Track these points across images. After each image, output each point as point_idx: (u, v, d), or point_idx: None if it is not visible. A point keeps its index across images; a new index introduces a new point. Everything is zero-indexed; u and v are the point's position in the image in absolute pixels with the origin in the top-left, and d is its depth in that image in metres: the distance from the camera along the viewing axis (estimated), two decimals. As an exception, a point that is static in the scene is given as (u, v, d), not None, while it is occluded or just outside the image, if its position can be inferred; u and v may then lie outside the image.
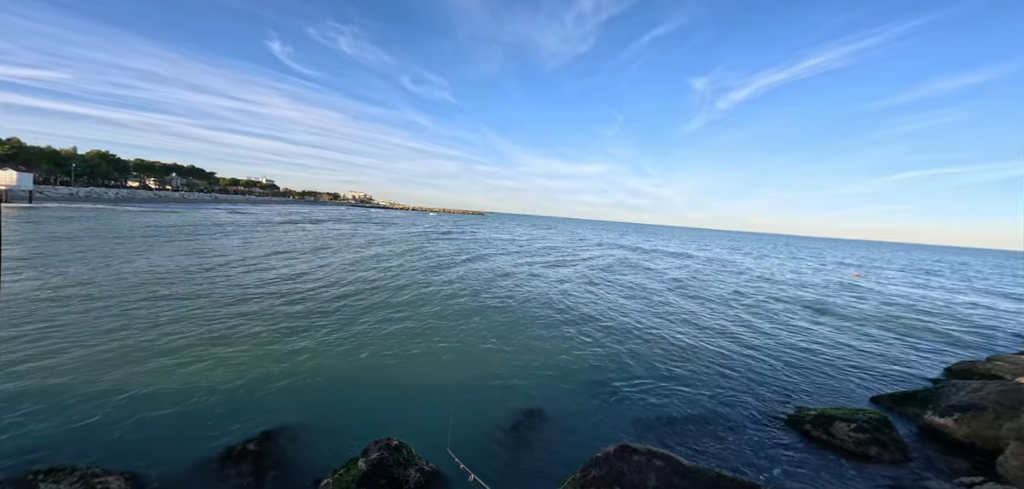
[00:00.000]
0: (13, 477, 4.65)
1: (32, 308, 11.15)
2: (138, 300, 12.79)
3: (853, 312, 20.74)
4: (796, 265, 50.75)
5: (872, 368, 12.07)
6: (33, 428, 5.81)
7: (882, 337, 15.86)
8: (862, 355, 13.32)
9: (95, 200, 66.73)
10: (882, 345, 14.72)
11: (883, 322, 18.77)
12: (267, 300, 14.45)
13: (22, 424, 5.87)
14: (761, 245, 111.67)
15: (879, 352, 13.78)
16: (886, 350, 14.11)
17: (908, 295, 28.73)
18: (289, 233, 39.92)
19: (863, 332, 16.48)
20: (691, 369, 10.93)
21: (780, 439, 7.68)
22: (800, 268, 47.15)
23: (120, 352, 8.76)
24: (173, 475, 5.13)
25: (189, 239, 28.82)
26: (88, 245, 22.48)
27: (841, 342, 14.71)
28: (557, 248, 47.81)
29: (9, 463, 5.00)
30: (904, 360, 13.11)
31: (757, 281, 32.26)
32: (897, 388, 10.25)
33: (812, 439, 7.77)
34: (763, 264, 49.53)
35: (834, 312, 20.41)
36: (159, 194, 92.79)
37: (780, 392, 9.83)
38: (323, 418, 6.89)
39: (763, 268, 44.25)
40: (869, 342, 15.00)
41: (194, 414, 6.64)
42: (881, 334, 16.31)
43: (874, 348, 14.25)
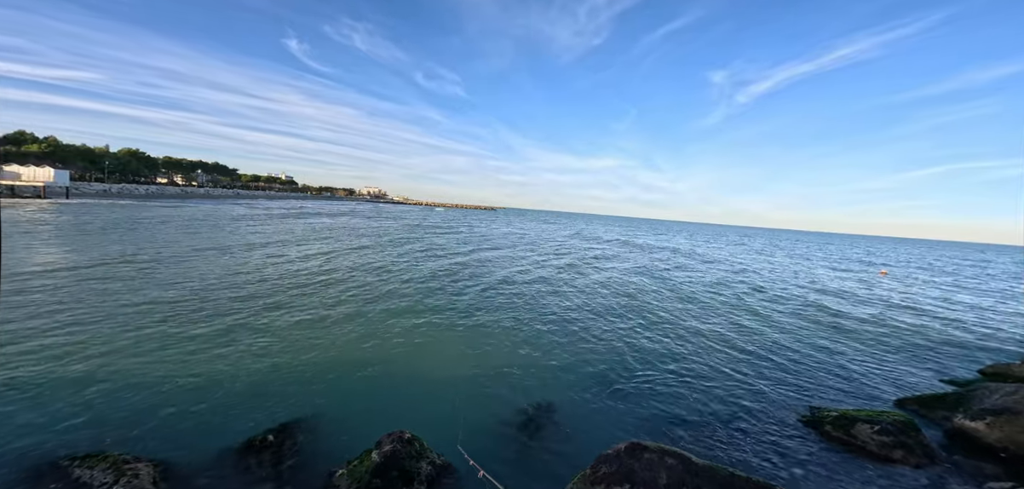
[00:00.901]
0: (50, 461, 4.94)
1: (62, 296, 11.73)
2: (164, 290, 13.32)
3: (877, 311, 20.02)
4: (817, 262, 49.25)
5: (897, 370, 11.65)
6: (65, 413, 6.14)
7: (908, 337, 15.26)
8: (887, 356, 12.86)
9: (127, 196, 69.65)
10: (908, 346, 14.17)
11: (909, 322, 18.07)
12: (285, 291, 14.86)
13: (54, 409, 6.22)
14: (780, 241, 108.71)
15: (905, 353, 13.28)
16: (913, 351, 13.58)
17: (936, 294, 27.57)
18: (305, 228, 40.87)
19: (888, 332, 15.90)
20: (705, 367, 10.77)
21: (798, 440, 7.51)
22: (821, 265, 45.75)
23: (148, 340, 9.15)
24: (198, 463, 5.35)
25: (212, 231, 29.82)
26: (119, 237, 23.49)
27: (864, 342, 14.23)
28: (566, 243, 47.58)
29: (45, 447, 5.31)
30: (932, 362, 12.60)
31: (776, 278, 31.47)
32: (924, 391, 9.88)
33: (832, 440, 7.57)
34: (783, 260, 48.23)
35: (857, 311, 19.74)
36: (185, 190, 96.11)
37: (799, 392, 9.60)
38: (337, 409, 7.07)
39: (783, 264, 43.12)
40: (895, 342, 14.47)
41: (217, 403, 6.91)
42: (907, 334, 15.70)
43: (900, 349, 13.74)
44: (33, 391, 6.69)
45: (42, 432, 5.64)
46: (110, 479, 4.63)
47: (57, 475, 4.69)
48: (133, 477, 4.71)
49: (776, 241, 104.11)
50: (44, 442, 5.43)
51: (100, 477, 4.65)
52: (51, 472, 4.76)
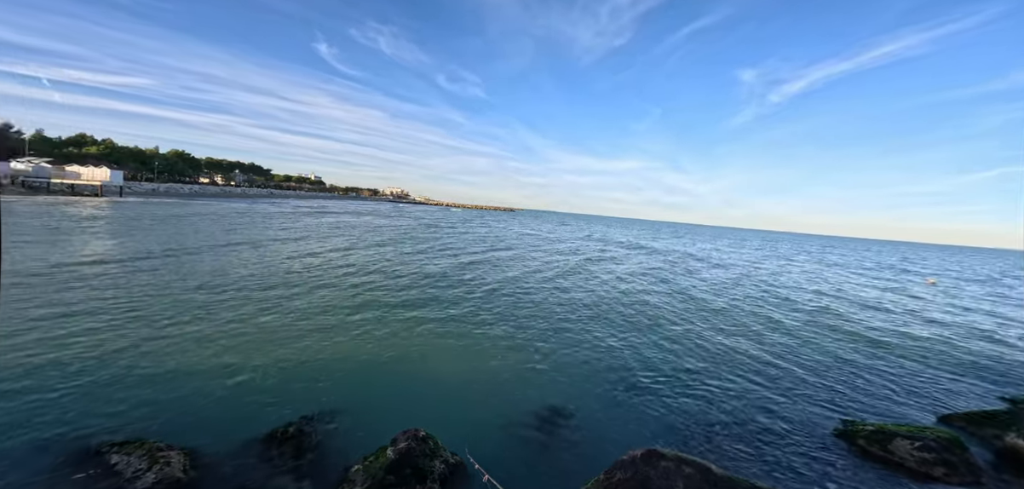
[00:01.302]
0: (90, 446, 5.33)
1: (110, 286, 12.58)
2: (199, 282, 14.06)
3: (923, 322, 18.74)
4: (852, 269, 46.58)
5: (941, 386, 10.87)
6: (106, 398, 6.60)
7: (955, 352, 14.18)
8: (930, 371, 12.00)
9: (173, 195, 74.06)
10: (955, 360, 13.18)
11: (959, 334, 16.82)
12: (308, 286, 15.41)
13: (97, 394, 6.69)
14: (811, 246, 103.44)
15: (951, 368, 12.36)
16: (960, 366, 12.62)
17: (990, 306, 25.49)
18: (330, 226, 42.22)
19: (931, 345, 14.82)
20: (727, 376, 10.39)
21: (829, 453, 7.14)
22: (856, 272, 43.24)
23: (183, 330, 9.69)
24: (225, 452, 5.63)
25: (246, 228, 31.28)
26: (165, 233, 25.02)
27: (905, 356, 13.32)
28: (582, 245, 46.98)
29: (86, 432, 5.72)
30: (982, 378, 11.68)
31: (805, 285, 30.01)
32: (972, 408, 9.18)
33: (866, 455, 7.15)
34: (813, 267, 45.89)
35: (896, 322, 18.53)
36: (224, 189, 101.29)
37: (829, 405, 9.11)
38: (355, 404, 7.27)
39: (813, 271, 41.03)
40: (939, 356, 13.50)
41: (244, 394, 7.25)
42: (953, 348, 14.59)
43: (945, 364, 12.79)
44: (78, 376, 7.21)
45: (85, 416, 6.08)
46: (144, 465, 4.94)
47: (97, 461, 5.05)
48: (165, 465, 5.01)
49: (806, 246, 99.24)
50: (86, 426, 5.84)
51: (136, 463, 4.97)
52: (91, 458, 5.13)
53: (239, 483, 5.06)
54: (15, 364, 7.45)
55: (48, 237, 21.31)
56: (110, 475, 4.84)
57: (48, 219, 28.40)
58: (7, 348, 8.03)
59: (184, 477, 4.92)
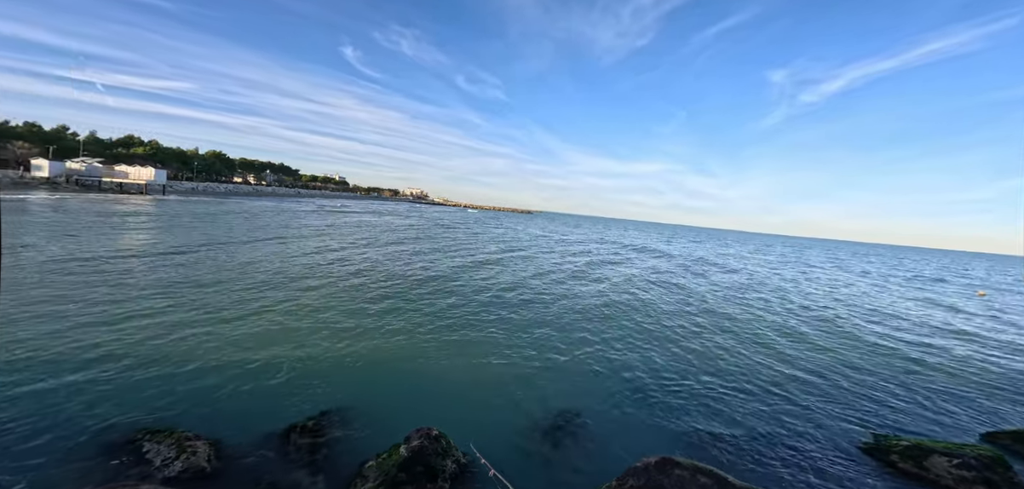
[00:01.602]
0: (124, 435, 5.68)
1: (150, 277, 13.32)
2: (229, 276, 14.70)
3: (969, 336, 17.52)
4: (894, 276, 44.02)
5: (985, 403, 10.17)
6: (140, 387, 7.00)
7: (1003, 368, 13.19)
8: (974, 387, 11.23)
9: (210, 193, 77.83)
10: (1003, 377, 12.28)
11: (1007, 349, 15.64)
12: (328, 283, 15.90)
13: (133, 383, 7.11)
14: (848, 253, 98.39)
15: (998, 385, 11.52)
16: (1008, 384, 11.75)
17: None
18: (352, 224, 43.28)
19: (977, 361, 13.83)
20: (750, 385, 10.04)
21: (856, 469, 6.80)
22: (900, 279, 40.85)
23: (211, 323, 10.15)
24: (246, 443, 5.88)
25: (276, 227, 32.51)
26: (202, 228, 26.33)
27: (947, 371, 12.49)
28: (598, 249, 46.30)
29: (122, 419, 6.10)
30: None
31: (841, 293, 28.59)
32: (1019, 425, 8.54)
33: (899, 472, 6.78)
34: (850, 274, 43.65)
35: (935, 336, 17.38)
36: (256, 189, 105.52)
37: (859, 420, 8.66)
38: (371, 401, 7.43)
39: (850, 279, 39.02)
40: (985, 373, 12.61)
41: (266, 387, 7.54)
42: (1002, 365, 13.56)
43: (992, 380, 11.93)
44: (115, 364, 7.68)
45: (119, 405, 6.46)
46: (173, 454, 5.22)
47: (130, 449, 5.38)
48: (192, 454, 5.28)
49: (838, 253, 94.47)
50: (120, 414, 6.22)
51: (165, 452, 5.27)
52: (125, 445, 5.46)
53: (259, 475, 5.27)
54: (58, 352, 8.01)
55: (96, 230, 22.79)
56: (142, 462, 5.15)
57: (96, 216, 30.37)
58: (50, 335, 8.64)
59: (208, 467, 5.18)
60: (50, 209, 31.82)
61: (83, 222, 26.46)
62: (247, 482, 5.12)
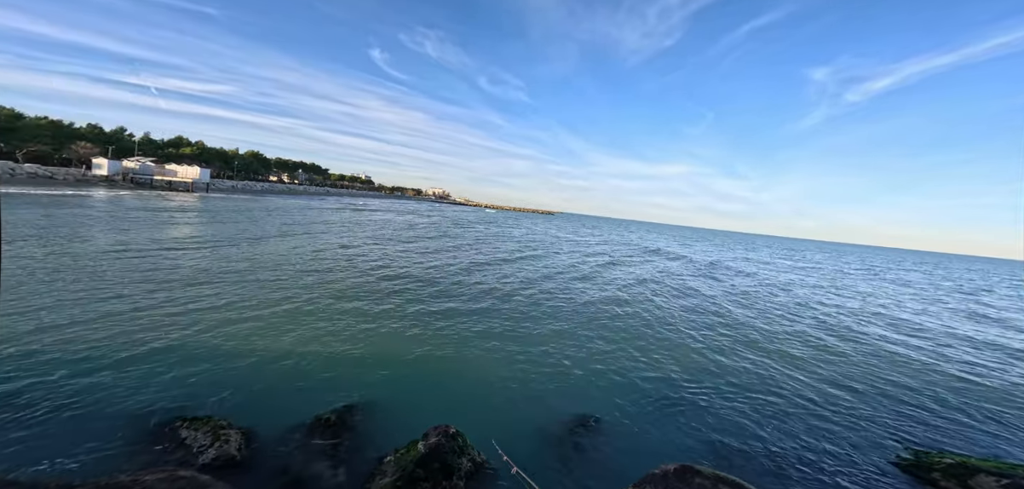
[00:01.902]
0: (165, 421, 6.10)
1: (190, 269, 14.18)
2: (262, 270, 15.44)
3: (1015, 354, 16.11)
4: (941, 286, 40.94)
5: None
6: (180, 375, 7.49)
7: None
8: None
9: (248, 191, 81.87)
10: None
11: None
12: (353, 278, 16.37)
13: (174, 372, 7.61)
14: (884, 259, 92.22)
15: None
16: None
17: None
18: (377, 222, 44.33)
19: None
20: (777, 395, 9.64)
21: (893, 486, 6.41)
22: (946, 289, 37.95)
23: (245, 315, 10.69)
24: (274, 433, 6.19)
25: (307, 223, 33.84)
26: (239, 224, 27.79)
27: (999, 389, 11.55)
28: (622, 249, 45.31)
29: (160, 406, 6.55)
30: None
31: (883, 302, 26.87)
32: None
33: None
34: (893, 283, 40.92)
35: (992, 349, 16.09)
36: (289, 187, 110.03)
37: (896, 435, 8.18)
38: (391, 396, 7.65)
39: (893, 287, 36.55)
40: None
41: (293, 380, 7.89)
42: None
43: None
44: (159, 352, 8.24)
45: (162, 390, 6.94)
46: (207, 441, 5.57)
47: (169, 435, 5.77)
48: (225, 442, 5.61)
49: (875, 260, 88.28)
50: (162, 399, 6.68)
51: (201, 439, 5.62)
52: (166, 430, 5.87)
53: (284, 465, 5.54)
54: (109, 338, 8.66)
55: (147, 225, 24.46)
56: (180, 448, 5.52)
57: (147, 211, 32.57)
58: (102, 321, 9.35)
59: (238, 455, 5.49)
60: (108, 204, 34.38)
61: (135, 217, 28.43)
62: (273, 471, 5.40)
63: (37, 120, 63.38)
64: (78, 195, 39.83)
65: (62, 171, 56.15)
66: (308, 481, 5.30)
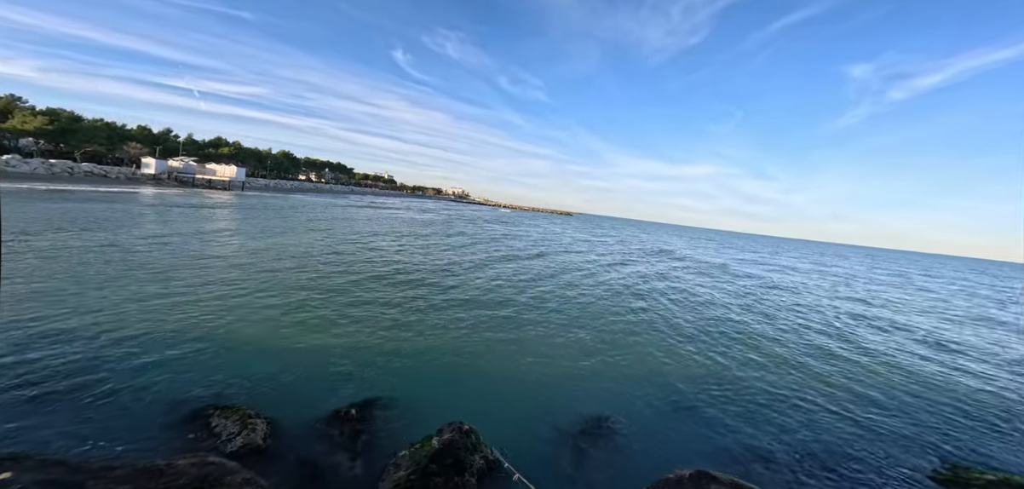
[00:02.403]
0: (197, 409, 6.49)
1: (225, 263, 14.92)
2: (289, 265, 16.07)
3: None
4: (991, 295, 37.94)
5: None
6: (207, 364, 7.93)
7: None
8: None
9: (280, 190, 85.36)
10: None
11: None
12: (373, 274, 16.81)
13: (202, 361, 8.07)
14: (919, 265, 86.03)
15: None
16: None
17: None
18: (400, 220, 45.13)
19: None
20: (801, 402, 9.29)
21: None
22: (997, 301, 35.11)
23: (274, 309, 11.19)
24: (297, 424, 6.49)
25: (331, 221, 34.92)
26: (270, 219, 29.03)
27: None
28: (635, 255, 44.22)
29: (194, 394, 6.97)
30: None
31: (910, 309, 25.20)
32: None
33: (980, 512, 5.97)
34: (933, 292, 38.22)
35: None
36: (317, 186, 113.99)
37: (929, 448, 7.74)
38: (408, 392, 7.84)
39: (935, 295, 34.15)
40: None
41: (317, 373, 8.22)
42: None
43: None
44: (194, 342, 8.74)
45: (195, 379, 7.37)
46: (236, 429, 5.91)
47: (201, 422, 6.15)
48: (252, 431, 5.94)
49: (919, 265, 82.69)
50: (196, 387, 7.10)
51: (230, 427, 5.97)
52: (198, 418, 6.26)
53: (305, 454, 5.81)
54: (147, 327, 9.27)
55: (190, 219, 25.95)
56: (211, 435, 5.88)
57: (190, 207, 34.51)
58: (141, 310, 10.00)
59: (263, 444, 5.79)
60: (155, 200, 36.63)
61: (178, 213, 30.17)
62: (294, 460, 5.67)
63: (94, 122, 67.88)
64: (130, 192, 42.61)
65: (115, 170, 60.10)
66: (327, 471, 5.54)
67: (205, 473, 4.99)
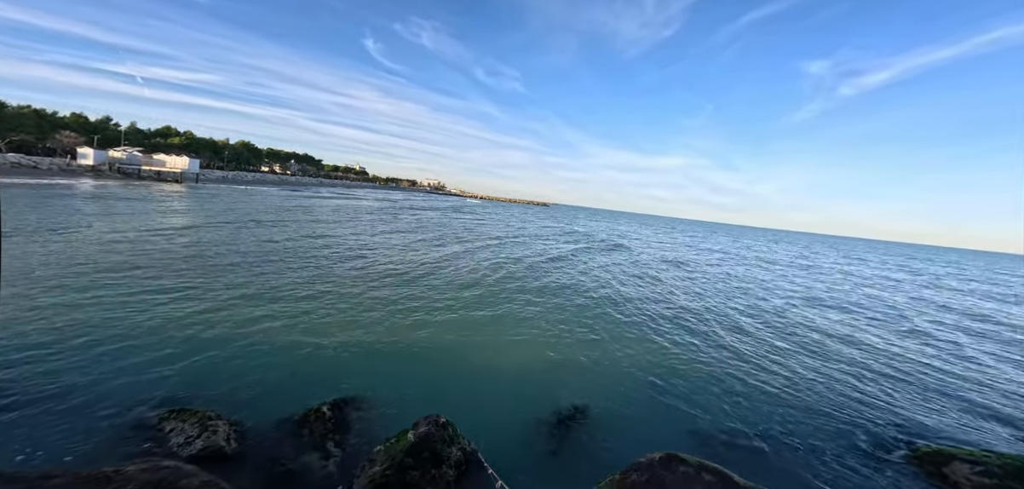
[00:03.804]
0: (152, 412, 6.05)
1: (174, 264, 14.00)
2: (248, 261, 15.29)
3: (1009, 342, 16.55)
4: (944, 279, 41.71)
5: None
6: (163, 367, 7.44)
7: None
8: (1012, 398, 10.65)
9: (239, 182, 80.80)
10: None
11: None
12: (344, 270, 16.29)
13: (157, 364, 7.55)
14: (873, 252, 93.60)
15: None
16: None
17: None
18: (372, 214, 44.06)
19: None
20: (764, 385, 9.83)
21: (870, 471, 6.59)
22: (948, 281, 38.63)
23: (237, 308, 10.61)
24: (264, 425, 6.19)
25: (296, 212, 33.53)
26: (228, 216, 27.45)
27: (982, 376, 11.91)
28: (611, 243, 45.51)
29: (148, 398, 6.50)
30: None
31: (862, 294, 27.31)
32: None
33: (916, 476, 6.54)
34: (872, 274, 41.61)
35: (977, 341, 16.48)
36: (282, 178, 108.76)
37: (878, 423, 8.38)
38: (382, 388, 7.66)
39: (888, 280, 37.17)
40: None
41: (283, 371, 7.88)
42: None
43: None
44: (147, 344, 8.16)
45: (150, 383, 6.89)
46: (195, 432, 5.55)
47: (154, 428, 5.73)
48: (213, 433, 5.60)
49: (869, 252, 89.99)
50: (151, 391, 6.63)
51: (188, 431, 5.60)
52: (150, 425, 5.82)
53: (274, 456, 5.55)
54: (97, 331, 8.56)
55: (136, 215, 24.09)
56: (166, 440, 5.50)
57: (136, 201, 32.06)
58: (93, 313, 9.24)
59: (227, 447, 5.48)
60: (94, 195, 33.76)
61: (123, 207, 27.97)
62: (263, 462, 5.40)
63: (20, 109, 61.82)
64: (65, 185, 39.05)
65: (46, 161, 54.96)
66: (299, 472, 5.32)
67: (158, 478, 4.66)
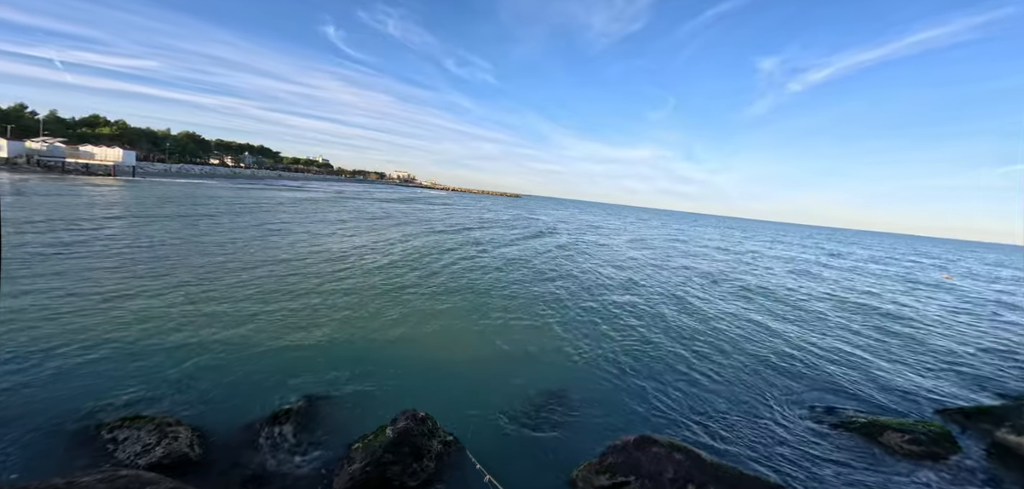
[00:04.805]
0: (105, 421, 5.58)
1: (120, 265, 12.90)
2: (207, 262, 14.34)
3: (930, 317, 18.68)
4: (869, 261, 45.97)
5: (941, 381, 10.94)
6: (113, 374, 6.88)
7: (962, 347, 14.16)
8: (934, 365, 12.08)
9: (184, 175, 74.83)
10: (961, 356, 13.19)
11: (964, 330, 16.75)
12: (311, 265, 15.68)
13: (107, 371, 6.97)
14: (832, 239, 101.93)
15: (956, 363, 12.39)
16: (965, 362, 12.64)
17: (1003, 301, 25.20)
18: (337, 209, 42.50)
19: (940, 340, 14.81)
20: (730, 367, 10.51)
21: (819, 444, 7.25)
22: (874, 265, 42.65)
23: (195, 308, 9.96)
24: (230, 430, 5.87)
25: (253, 210, 31.67)
26: (173, 212, 25.48)
27: (907, 350, 13.35)
28: (579, 234, 46.72)
29: (99, 407, 5.99)
30: (983, 374, 11.71)
31: (809, 277, 29.72)
32: (968, 403, 9.22)
33: (859, 446, 7.26)
34: (831, 259, 45.36)
35: (907, 316, 18.44)
36: (234, 171, 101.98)
37: (826, 399, 9.22)
38: (358, 385, 7.49)
39: (830, 262, 40.52)
40: (943, 352, 13.52)
41: (251, 372, 7.49)
42: (961, 344, 14.56)
43: (951, 358, 12.82)
44: (95, 351, 7.49)
45: (100, 391, 6.33)
46: (153, 440, 5.17)
47: (108, 437, 5.27)
48: (173, 439, 5.24)
49: (832, 240, 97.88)
50: (101, 399, 6.11)
51: (145, 438, 5.21)
52: (104, 434, 5.35)
53: (243, 460, 5.29)
54: (38, 340, 7.75)
55: (66, 212, 21.80)
56: (120, 449, 5.09)
57: (63, 197, 29.00)
58: (33, 322, 8.34)
59: (191, 452, 5.16)
60: (13, 191, 30.17)
61: (50, 204, 25.23)
62: (232, 466, 5.14)
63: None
64: (-29, 177, 34.60)
65: (-53, 151, 48.43)
66: (273, 474, 5.10)
67: (117, 487, 4.34)
